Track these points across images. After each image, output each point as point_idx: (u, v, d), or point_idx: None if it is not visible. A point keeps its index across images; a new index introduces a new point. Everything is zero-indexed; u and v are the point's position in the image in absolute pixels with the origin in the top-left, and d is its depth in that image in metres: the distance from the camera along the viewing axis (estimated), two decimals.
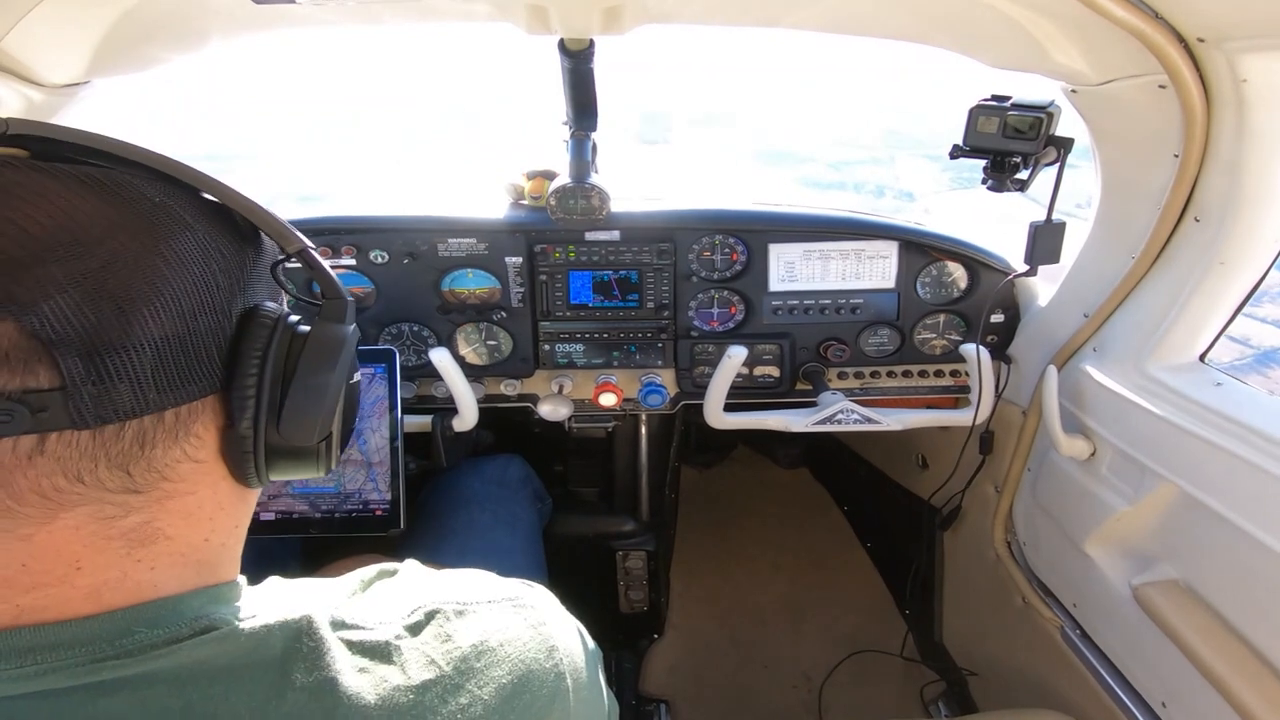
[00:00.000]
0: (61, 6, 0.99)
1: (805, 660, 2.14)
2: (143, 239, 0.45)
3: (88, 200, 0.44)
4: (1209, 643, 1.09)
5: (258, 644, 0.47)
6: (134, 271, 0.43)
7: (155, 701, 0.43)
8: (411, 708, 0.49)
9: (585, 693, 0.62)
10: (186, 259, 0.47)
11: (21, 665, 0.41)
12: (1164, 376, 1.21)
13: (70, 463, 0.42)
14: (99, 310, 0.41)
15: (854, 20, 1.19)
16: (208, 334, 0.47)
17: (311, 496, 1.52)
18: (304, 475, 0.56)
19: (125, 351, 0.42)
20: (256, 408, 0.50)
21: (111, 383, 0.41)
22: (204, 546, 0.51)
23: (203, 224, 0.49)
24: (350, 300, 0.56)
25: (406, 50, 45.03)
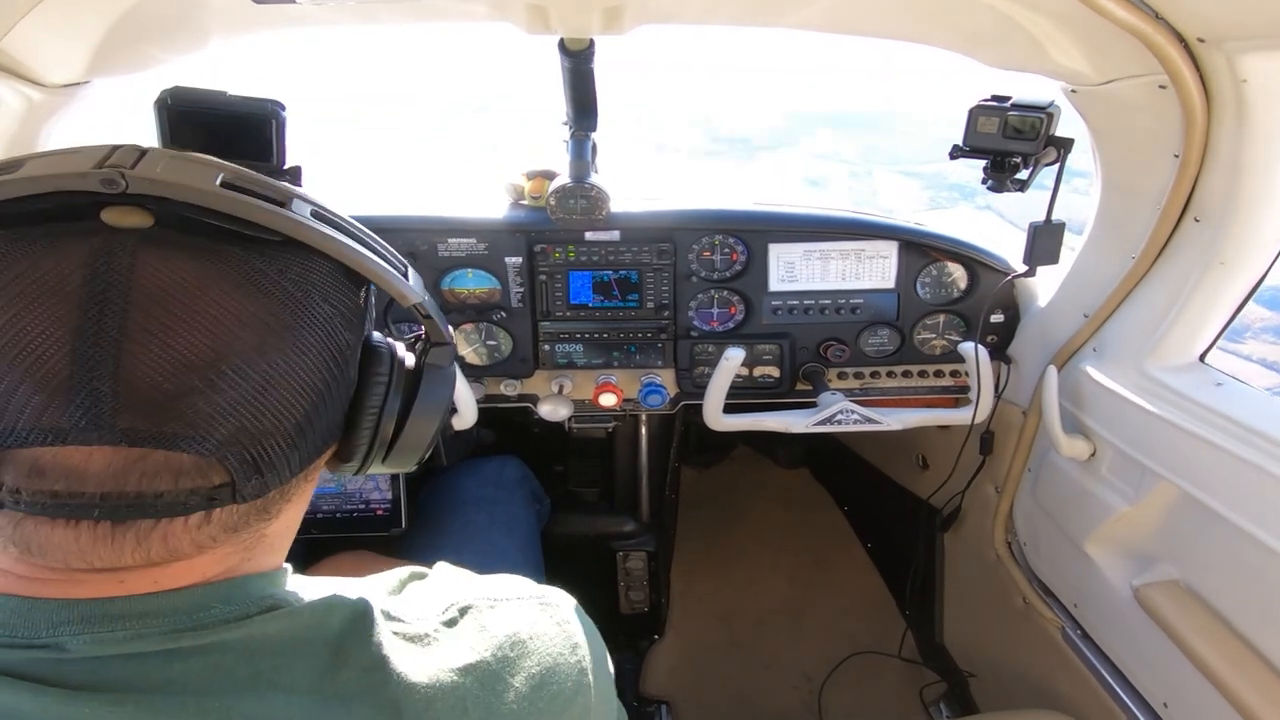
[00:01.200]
0: (61, 6, 0.99)
1: (805, 661, 2.14)
2: (291, 339, 0.47)
3: (233, 299, 0.45)
4: (1210, 643, 1.09)
5: (319, 621, 0.51)
6: (288, 379, 0.47)
7: (225, 667, 0.47)
8: (455, 689, 0.53)
9: (604, 692, 0.65)
10: (325, 342, 0.49)
11: (112, 630, 0.46)
12: (1164, 377, 1.21)
13: (229, 523, 0.48)
14: (260, 423, 0.45)
15: (854, 20, 1.19)
16: (338, 398, 0.52)
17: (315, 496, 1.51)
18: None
19: (279, 444, 0.47)
20: (368, 452, 0.56)
21: (270, 470, 0.47)
22: (286, 533, 0.57)
23: (333, 294, 0.51)
24: (453, 344, 0.62)
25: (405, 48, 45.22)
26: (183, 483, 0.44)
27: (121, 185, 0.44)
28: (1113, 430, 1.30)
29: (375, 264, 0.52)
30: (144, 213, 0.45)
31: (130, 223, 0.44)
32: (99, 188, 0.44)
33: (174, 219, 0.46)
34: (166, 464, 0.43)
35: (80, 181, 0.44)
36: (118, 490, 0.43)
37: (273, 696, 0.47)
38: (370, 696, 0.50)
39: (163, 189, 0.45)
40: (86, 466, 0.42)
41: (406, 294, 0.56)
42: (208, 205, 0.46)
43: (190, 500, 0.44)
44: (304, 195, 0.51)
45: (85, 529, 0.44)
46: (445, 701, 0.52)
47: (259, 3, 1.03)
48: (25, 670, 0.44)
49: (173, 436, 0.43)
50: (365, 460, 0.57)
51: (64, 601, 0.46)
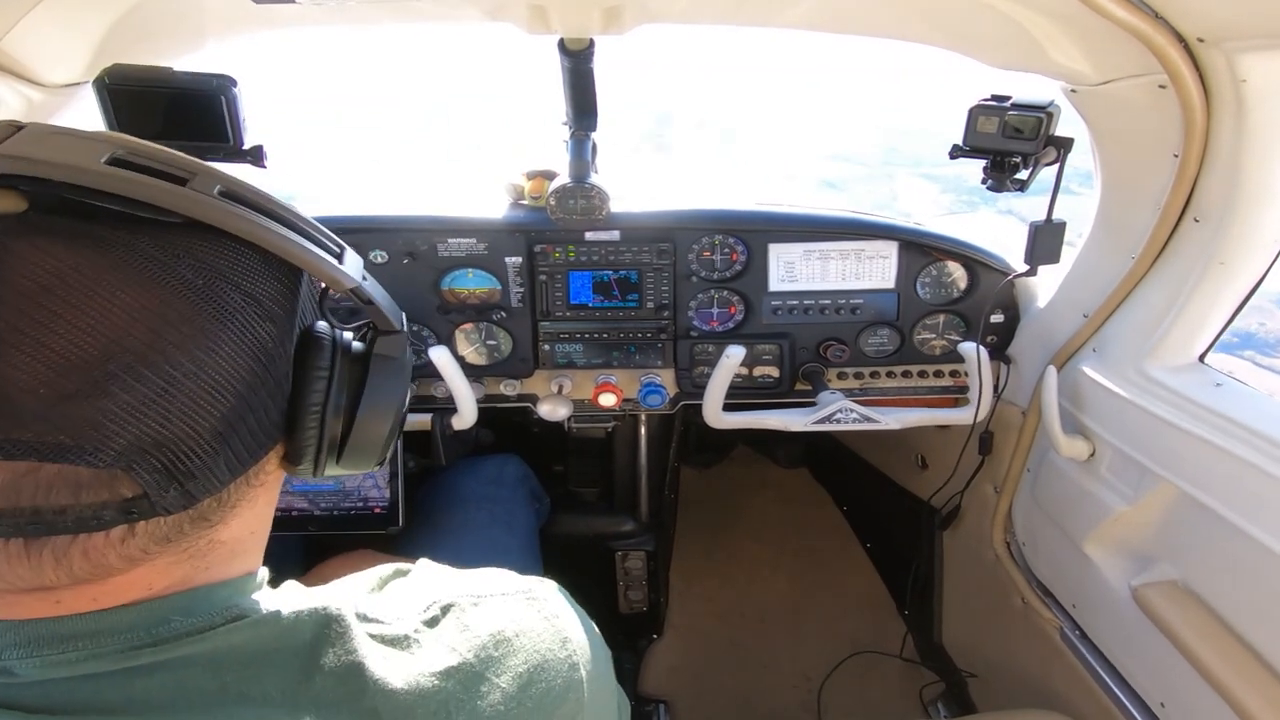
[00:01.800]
0: (61, 6, 0.99)
1: (805, 661, 2.14)
2: (195, 333, 0.42)
3: (122, 291, 0.40)
4: (1208, 643, 1.09)
5: (288, 630, 0.49)
6: (197, 378, 0.42)
7: (191, 682, 0.45)
8: (436, 693, 0.51)
9: (598, 684, 0.63)
10: (239, 335, 0.44)
11: (64, 651, 0.43)
12: (1163, 377, 1.21)
13: (158, 533, 0.45)
14: (166, 429, 0.41)
15: (854, 20, 1.19)
16: (268, 395, 0.48)
17: (311, 494, 1.52)
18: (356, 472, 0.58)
19: (196, 450, 0.43)
20: (317, 453, 0.52)
21: (191, 479, 0.43)
22: (249, 539, 0.53)
23: (246, 281, 0.45)
24: (404, 331, 0.57)
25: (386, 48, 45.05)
26: (86, 496, 0.40)
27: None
28: (1112, 430, 1.30)
29: (298, 245, 0.47)
30: (16, 196, 0.40)
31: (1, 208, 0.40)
32: None
33: (53, 201, 0.40)
34: (61, 477, 0.39)
35: None
36: (12, 506, 0.39)
37: (243, 710, 0.45)
38: (347, 705, 0.47)
39: (34, 168, 0.40)
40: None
41: (339, 278, 0.50)
42: (87, 184, 0.40)
43: (103, 514, 0.41)
44: (214, 172, 0.45)
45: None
46: (426, 707, 0.50)
47: (258, 2, 1.04)
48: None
49: (58, 447, 0.38)
50: (316, 462, 0.52)
51: (6, 624, 0.43)
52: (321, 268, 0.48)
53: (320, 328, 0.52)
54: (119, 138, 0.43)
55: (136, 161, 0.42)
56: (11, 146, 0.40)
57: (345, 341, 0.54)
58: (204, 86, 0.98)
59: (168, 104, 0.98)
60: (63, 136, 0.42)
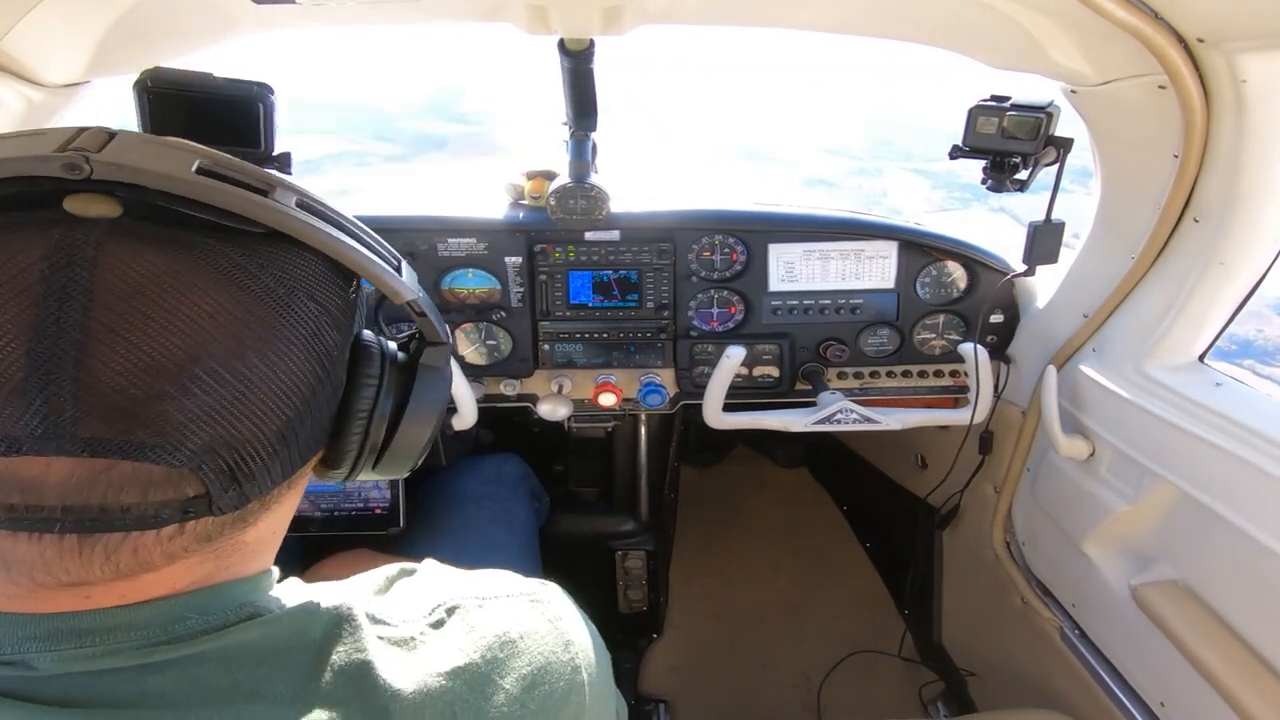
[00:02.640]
0: (61, 6, 0.99)
1: (804, 660, 2.14)
2: (272, 339, 0.44)
3: (209, 296, 0.42)
4: (1207, 643, 1.09)
5: (300, 628, 0.49)
6: (269, 383, 0.43)
7: (204, 679, 0.45)
8: (443, 693, 0.51)
9: (599, 688, 0.63)
10: (310, 342, 0.46)
11: (81, 646, 0.44)
12: (1163, 377, 1.21)
13: (203, 533, 0.45)
14: (238, 430, 0.42)
15: (853, 20, 1.19)
16: (324, 401, 0.49)
17: (312, 495, 1.52)
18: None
19: (259, 453, 0.44)
20: (357, 458, 0.53)
21: (250, 481, 0.44)
22: (270, 539, 0.54)
23: (319, 290, 0.47)
24: (450, 344, 0.59)
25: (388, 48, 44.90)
26: (153, 495, 0.41)
27: (86, 171, 0.40)
28: (1112, 430, 1.30)
29: (367, 258, 0.49)
30: (112, 201, 0.41)
31: (95, 212, 0.41)
32: (61, 173, 0.40)
33: (145, 208, 0.42)
34: (134, 475, 0.40)
35: (41, 166, 0.40)
36: (81, 503, 0.39)
37: (253, 707, 0.45)
38: (358, 703, 0.48)
39: (131, 175, 0.41)
40: (45, 478, 0.39)
41: (400, 291, 0.52)
42: (181, 193, 0.42)
43: (162, 513, 0.41)
44: (290, 184, 0.47)
45: (50, 542, 0.41)
46: (433, 707, 0.50)
47: (259, 3, 1.04)
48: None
49: (140, 446, 0.39)
50: (354, 466, 0.54)
51: (29, 617, 0.43)
52: (386, 280, 0.51)
53: (368, 336, 0.54)
54: (198, 148, 0.45)
55: (221, 171, 0.44)
56: (110, 154, 0.41)
57: (391, 351, 0.56)
58: (243, 93, 0.99)
59: (205, 108, 0.99)
60: (153, 145, 0.43)
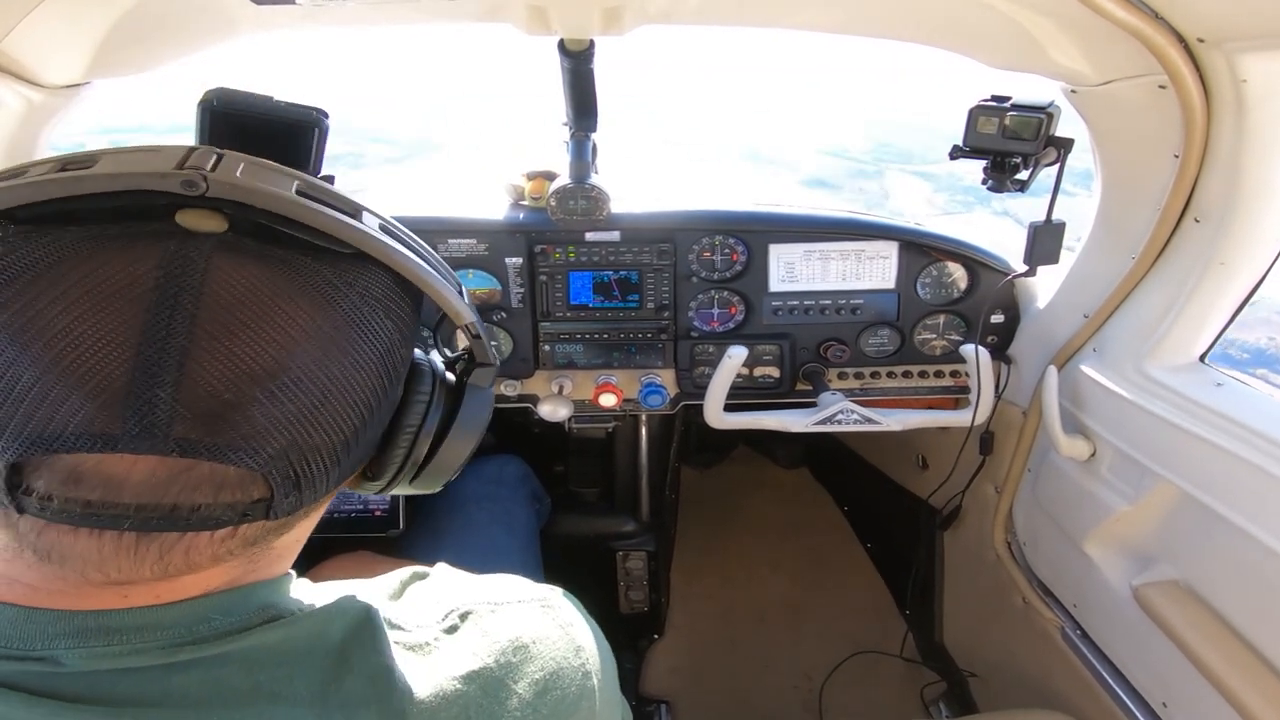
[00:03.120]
0: (61, 7, 0.99)
1: (805, 660, 2.14)
2: (352, 354, 0.46)
3: (302, 310, 0.44)
4: (1209, 643, 1.09)
5: (320, 631, 0.50)
6: (344, 394, 0.46)
7: (225, 680, 0.46)
8: (459, 697, 0.52)
9: (609, 694, 0.64)
10: (382, 357, 0.48)
11: (109, 644, 0.45)
12: (1164, 377, 1.21)
13: (250, 536, 0.47)
14: (311, 437, 0.44)
15: (853, 21, 1.19)
16: (383, 415, 0.51)
17: None
18: None
19: (324, 460, 0.46)
20: (398, 472, 0.56)
21: (309, 487, 0.46)
22: (294, 545, 0.55)
23: (394, 309, 0.50)
24: (497, 365, 0.61)
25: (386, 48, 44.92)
26: (222, 496, 0.43)
27: (202, 188, 0.43)
28: (1112, 430, 1.30)
29: (438, 281, 0.52)
30: (220, 217, 0.44)
31: (207, 227, 0.44)
32: (179, 189, 0.43)
33: (248, 225, 0.45)
34: (211, 476, 0.42)
35: (160, 181, 0.43)
36: (154, 502, 0.41)
37: (274, 709, 0.46)
38: (376, 705, 0.48)
39: (243, 194, 0.44)
40: (127, 476, 0.41)
41: (462, 312, 0.55)
42: (284, 213, 0.45)
43: (224, 515, 0.43)
44: (370, 208, 0.50)
45: (110, 539, 0.42)
46: (449, 711, 0.51)
47: (259, 3, 1.04)
48: (18, 682, 0.43)
49: (224, 448, 0.41)
50: (393, 480, 0.56)
51: (61, 614, 0.45)
52: (452, 303, 0.54)
53: (418, 355, 0.57)
54: (292, 171, 0.48)
55: (315, 194, 0.47)
56: (221, 174, 0.44)
57: (441, 370, 0.59)
58: (303, 118, 1.02)
59: (263, 129, 1.01)
60: (259, 167, 0.46)
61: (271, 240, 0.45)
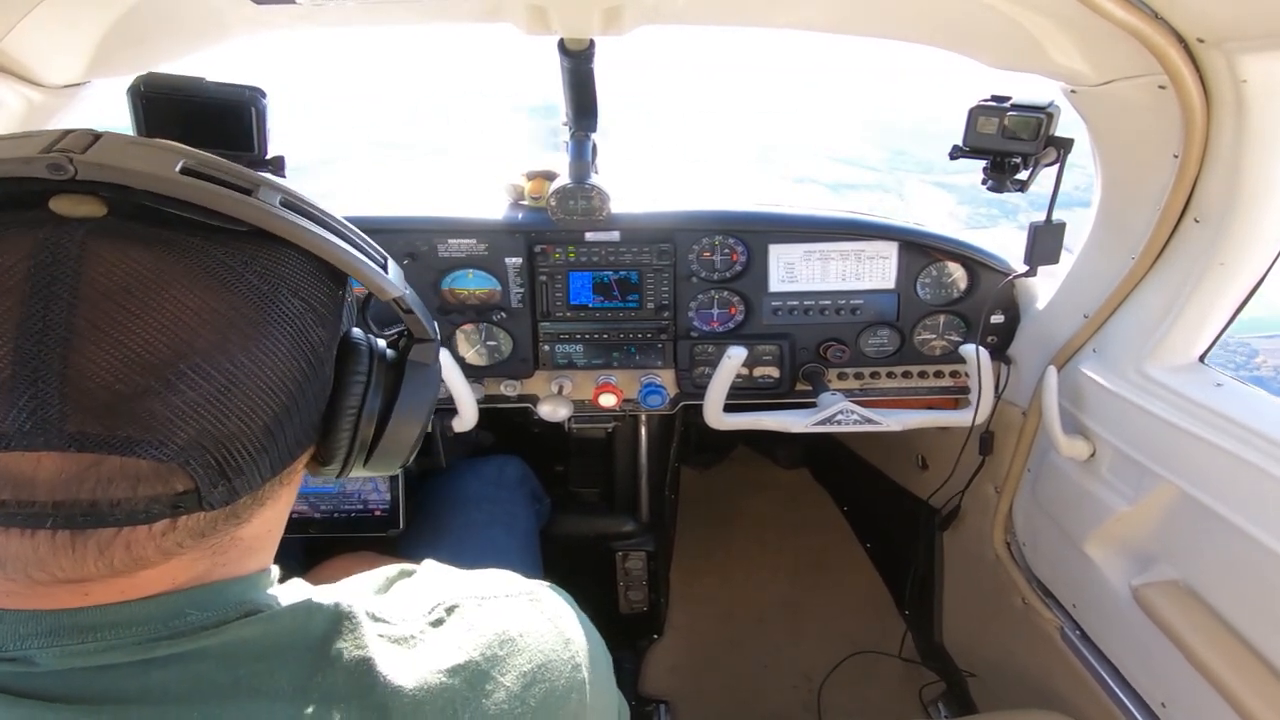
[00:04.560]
0: (61, 7, 0.99)
1: (805, 660, 2.14)
2: (257, 337, 0.44)
3: (194, 294, 0.42)
4: (1208, 643, 1.09)
5: (300, 625, 0.50)
6: (255, 379, 0.44)
7: (205, 675, 0.46)
8: (443, 690, 0.51)
9: (600, 686, 0.63)
10: (295, 339, 0.47)
11: (83, 642, 0.44)
12: (1164, 377, 1.21)
13: (196, 529, 0.46)
14: (224, 426, 0.43)
15: (853, 20, 1.19)
16: (313, 399, 0.50)
17: (311, 496, 1.52)
18: None
19: (247, 448, 0.44)
20: (348, 455, 0.54)
21: (238, 475, 0.45)
22: (265, 536, 0.54)
23: (304, 287, 0.48)
24: (437, 339, 0.59)
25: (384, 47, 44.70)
26: (142, 490, 0.41)
27: (70, 171, 0.41)
28: (1112, 431, 1.30)
29: (351, 256, 0.49)
30: (97, 201, 0.42)
31: (80, 212, 0.42)
32: (45, 174, 0.40)
33: (130, 208, 0.43)
34: (123, 470, 0.41)
35: (24, 167, 0.41)
36: (71, 498, 0.40)
37: (255, 703, 0.46)
38: (357, 700, 0.48)
39: (115, 175, 0.42)
40: (35, 474, 0.40)
41: (385, 288, 0.53)
42: (165, 193, 0.43)
43: (152, 508, 0.42)
44: (274, 182, 0.48)
45: (43, 539, 0.41)
46: (434, 704, 0.50)
47: (259, 3, 1.03)
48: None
49: (127, 441, 0.40)
50: (345, 463, 0.55)
51: (30, 614, 0.44)
52: (371, 277, 0.51)
53: (356, 334, 0.54)
54: (183, 149, 0.46)
55: (205, 171, 0.44)
56: (94, 155, 0.42)
57: (380, 348, 0.57)
58: (235, 97, 1.02)
59: (198, 112, 1.01)
60: (139, 146, 0.44)
61: (158, 223, 0.43)
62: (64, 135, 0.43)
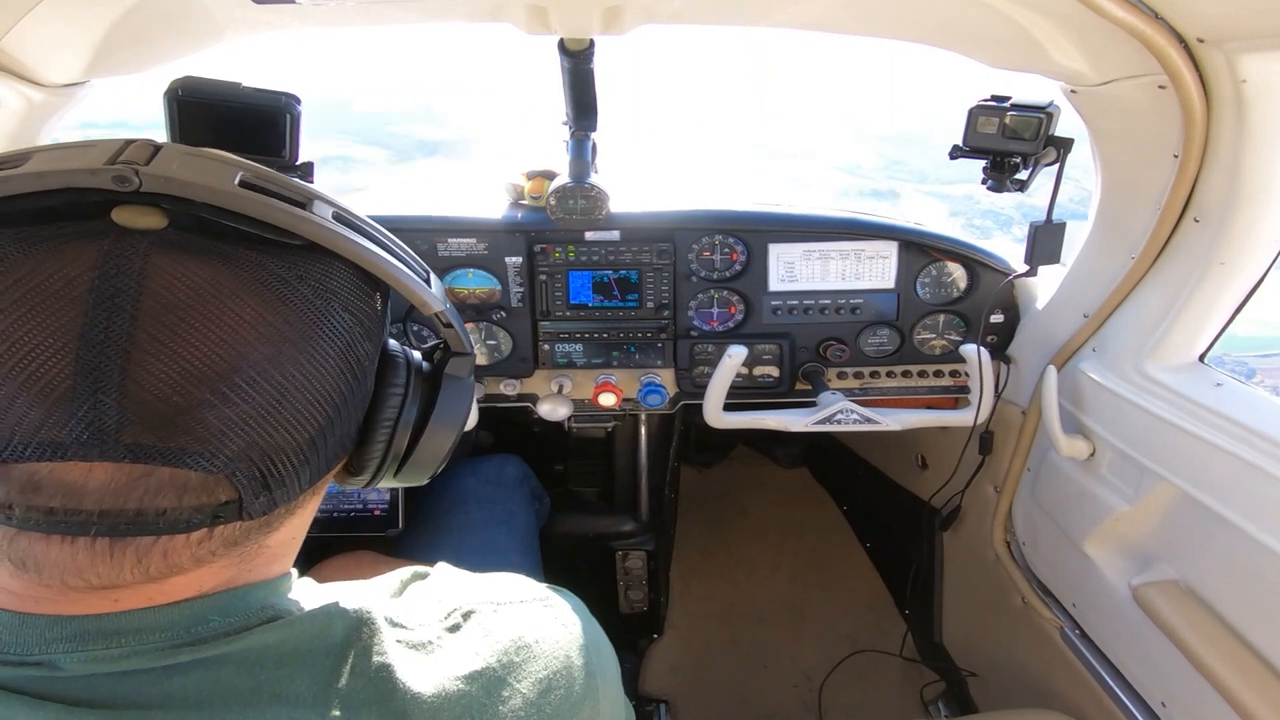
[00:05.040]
0: (61, 6, 0.99)
1: (805, 660, 2.14)
2: (308, 349, 0.45)
3: (249, 307, 0.43)
4: (1208, 643, 1.09)
5: (320, 630, 0.50)
6: (304, 391, 0.44)
7: (226, 681, 0.46)
8: (461, 697, 0.51)
9: (612, 694, 0.64)
10: (343, 352, 0.47)
11: (107, 647, 0.44)
12: (1163, 377, 1.21)
13: (230, 537, 0.46)
14: (273, 438, 0.43)
15: (852, 20, 1.19)
16: (354, 410, 0.50)
17: None
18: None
19: (291, 460, 0.45)
20: (380, 466, 0.55)
21: (280, 487, 0.45)
22: (290, 543, 0.55)
23: (354, 301, 0.49)
24: (473, 354, 0.60)
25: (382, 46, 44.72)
26: (187, 500, 0.42)
27: (135, 183, 0.41)
28: (1112, 430, 1.30)
29: (399, 270, 0.50)
30: (158, 213, 0.42)
31: (143, 224, 0.42)
32: (111, 185, 0.41)
33: (189, 220, 0.43)
34: (172, 481, 0.41)
35: (90, 179, 0.41)
36: (118, 508, 0.40)
37: (275, 709, 0.46)
38: (377, 706, 0.48)
39: (178, 188, 0.42)
40: (85, 483, 0.40)
41: (429, 302, 0.53)
42: (226, 206, 0.43)
43: (194, 518, 0.42)
44: (325, 196, 0.48)
45: (83, 546, 0.41)
46: (451, 711, 0.51)
47: (259, 2, 1.03)
48: (20, 686, 0.43)
49: (180, 452, 0.40)
50: (377, 473, 0.56)
51: (56, 619, 0.44)
52: (416, 292, 0.52)
53: (393, 346, 0.55)
54: (239, 161, 0.46)
55: (261, 185, 0.45)
56: (157, 167, 0.42)
57: (417, 361, 0.58)
58: (270, 103, 1.03)
59: (233, 117, 1.02)
60: (198, 158, 0.45)
61: (216, 235, 0.44)
62: (126, 145, 0.43)
